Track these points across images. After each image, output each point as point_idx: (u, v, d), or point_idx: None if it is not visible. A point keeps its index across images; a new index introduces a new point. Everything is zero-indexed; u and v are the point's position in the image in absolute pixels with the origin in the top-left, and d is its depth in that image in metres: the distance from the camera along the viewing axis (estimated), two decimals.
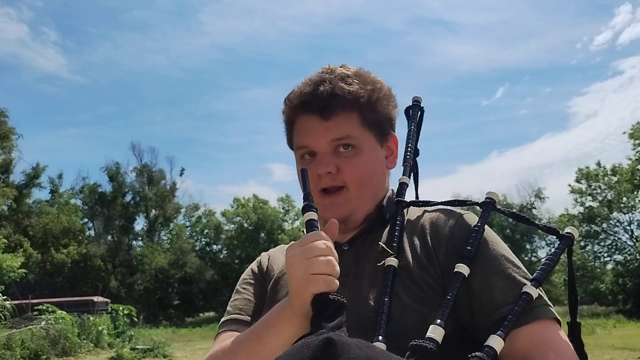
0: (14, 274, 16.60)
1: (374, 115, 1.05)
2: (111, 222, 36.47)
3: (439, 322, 0.85)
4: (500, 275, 0.93)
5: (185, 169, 40.15)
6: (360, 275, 1.01)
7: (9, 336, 11.81)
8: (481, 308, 0.91)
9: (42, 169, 33.12)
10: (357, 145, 1.03)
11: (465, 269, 0.91)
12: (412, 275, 0.96)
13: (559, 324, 0.92)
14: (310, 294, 0.81)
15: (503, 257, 0.95)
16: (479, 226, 0.96)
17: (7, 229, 28.11)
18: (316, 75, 1.06)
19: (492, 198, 0.99)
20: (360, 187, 1.03)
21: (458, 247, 0.96)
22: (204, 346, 15.43)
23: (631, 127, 27.61)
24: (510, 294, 0.91)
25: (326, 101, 1.01)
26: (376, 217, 1.06)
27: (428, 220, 1.03)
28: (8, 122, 25.53)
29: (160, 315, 33.19)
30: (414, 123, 1.16)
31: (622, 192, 28.51)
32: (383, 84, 1.08)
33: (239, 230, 37.52)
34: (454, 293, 0.88)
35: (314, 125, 1.03)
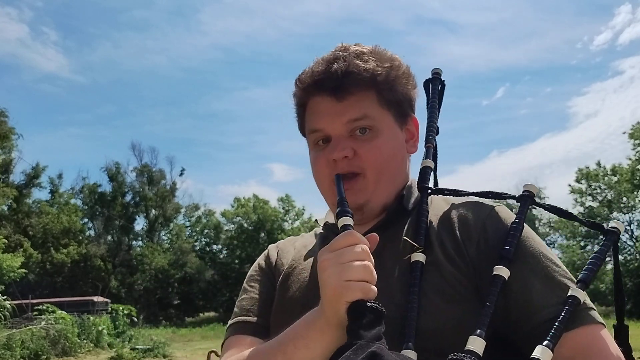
0: (14, 274, 16.59)
1: (392, 94, 0.97)
2: (111, 222, 36.47)
3: (479, 332, 0.76)
4: (538, 275, 0.85)
5: (185, 169, 40.24)
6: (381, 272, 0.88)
7: (9, 336, 11.80)
8: (519, 311, 0.83)
9: (42, 169, 33.13)
10: (375, 126, 0.95)
11: (505, 272, 0.82)
12: (441, 272, 0.87)
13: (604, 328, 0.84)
14: (345, 302, 0.74)
15: (541, 255, 0.87)
16: (517, 222, 0.87)
17: (7, 229, 28.10)
18: (329, 54, 0.98)
19: (531, 191, 0.89)
20: (379, 173, 0.95)
21: (491, 243, 0.88)
22: (204, 346, 15.42)
23: (631, 127, 27.64)
24: (550, 295, 0.83)
25: (340, 80, 0.93)
26: (396, 208, 0.98)
27: (456, 212, 0.94)
28: (8, 122, 25.53)
29: (160, 315, 33.19)
30: (435, 98, 1.05)
31: (622, 192, 28.52)
32: (401, 61, 1.00)
33: (239, 230, 37.50)
34: (494, 299, 0.79)
35: (328, 106, 0.95)
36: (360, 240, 0.78)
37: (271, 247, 1.17)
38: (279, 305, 1.02)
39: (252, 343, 0.97)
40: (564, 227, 30.87)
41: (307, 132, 1.02)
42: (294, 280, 1.03)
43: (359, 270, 0.75)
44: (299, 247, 1.12)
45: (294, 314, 0.91)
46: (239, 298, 1.10)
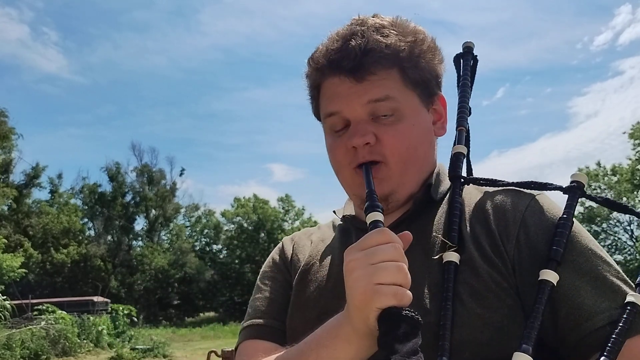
0: (14, 274, 16.59)
1: (417, 72, 0.87)
2: (111, 222, 36.46)
3: (524, 348, 0.67)
4: (588, 276, 0.75)
5: (185, 169, 40.23)
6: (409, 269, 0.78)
7: (9, 336, 11.80)
8: (566, 317, 0.74)
9: (42, 169, 33.13)
10: (399, 109, 0.85)
11: (553, 276, 0.72)
12: (477, 272, 0.77)
13: None
14: (376, 308, 0.66)
15: (590, 252, 0.77)
16: (565, 218, 0.77)
17: (7, 229, 28.10)
18: (345, 29, 0.87)
19: (581, 181, 0.79)
20: (404, 162, 0.86)
21: (532, 238, 0.78)
22: (204, 346, 15.41)
23: (631, 127, 27.62)
24: (601, 299, 0.73)
25: (359, 58, 0.83)
26: (423, 198, 0.89)
27: (491, 203, 0.84)
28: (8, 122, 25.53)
29: (160, 315, 33.18)
30: (467, 75, 0.95)
31: (622, 192, 28.50)
32: (426, 34, 0.90)
33: (239, 230, 37.49)
34: (541, 309, 0.70)
35: (346, 88, 0.85)
36: (394, 239, 0.70)
37: (286, 239, 1.09)
38: (295, 306, 0.94)
39: (267, 349, 0.90)
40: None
41: (322, 117, 0.92)
42: (311, 279, 0.94)
43: (392, 272, 0.67)
44: (316, 241, 1.02)
45: (311, 316, 0.85)
46: (252, 297, 1.01)
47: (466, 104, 0.94)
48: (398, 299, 0.66)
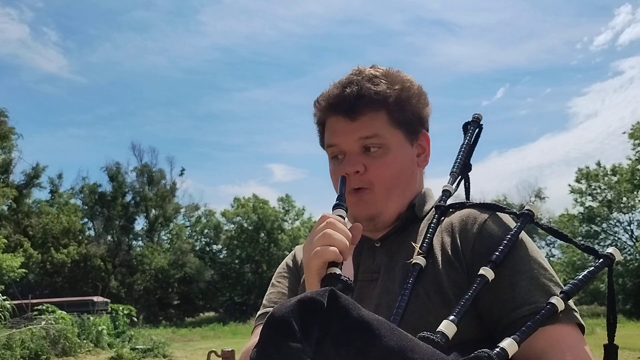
0: (14, 274, 16.61)
1: (402, 114, 1.05)
2: (111, 222, 36.47)
3: (452, 318, 0.82)
4: (524, 275, 0.90)
5: (185, 169, 40.21)
6: (392, 273, 1.00)
7: (9, 336, 11.81)
8: (500, 306, 0.89)
9: (42, 169, 33.15)
10: (385, 144, 1.04)
11: (489, 273, 0.87)
12: (438, 274, 0.94)
13: (582, 331, 0.90)
14: (316, 266, 0.84)
15: (530, 259, 0.93)
16: (512, 235, 0.92)
17: (7, 229, 28.12)
18: (345, 77, 1.08)
19: (532, 211, 0.95)
20: (388, 188, 1.04)
21: (486, 246, 0.94)
22: (204, 346, 15.42)
23: (631, 127, 27.64)
24: (532, 294, 0.88)
25: (353, 102, 1.03)
26: (409, 215, 1.06)
27: (458, 217, 1.01)
28: (8, 122, 25.56)
29: (160, 315, 33.21)
30: (468, 138, 1.13)
31: (622, 192, 28.53)
32: (413, 82, 1.09)
33: (239, 230, 37.51)
34: (473, 294, 0.85)
35: (342, 125, 1.05)
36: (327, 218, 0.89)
37: (298, 247, 1.25)
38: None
39: None
40: (563, 228, 30.82)
41: (325, 147, 1.12)
42: None
43: (317, 240, 0.85)
44: None
45: None
46: (267, 292, 1.19)
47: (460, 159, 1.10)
48: (321, 255, 0.83)
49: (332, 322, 0.64)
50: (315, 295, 0.66)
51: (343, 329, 0.64)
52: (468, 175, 1.12)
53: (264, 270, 36.58)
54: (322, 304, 0.64)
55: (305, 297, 0.65)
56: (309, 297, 0.65)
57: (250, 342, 1.06)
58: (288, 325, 0.63)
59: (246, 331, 22.76)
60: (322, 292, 0.67)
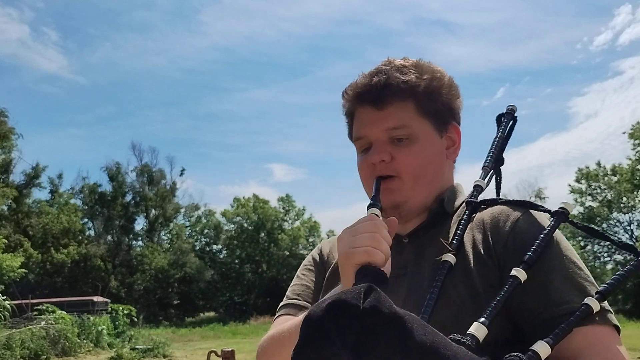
0: (14, 274, 16.61)
1: (431, 104, 1.04)
2: (111, 222, 36.47)
3: (483, 321, 0.79)
4: (558, 274, 0.88)
5: (185, 169, 40.20)
6: (420, 270, 0.98)
7: (9, 336, 11.81)
8: (533, 306, 0.87)
9: (42, 169, 33.15)
10: (413, 134, 1.02)
11: (522, 274, 0.84)
12: (469, 272, 0.92)
13: (618, 332, 0.87)
14: (352, 264, 0.83)
15: (565, 257, 0.90)
16: (546, 234, 0.90)
17: (7, 229, 28.12)
18: (374, 68, 1.07)
19: (566, 209, 0.92)
20: (415, 177, 1.02)
21: (519, 244, 0.91)
22: (204, 346, 15.42)
23: (631, 127, 27.64)
24: (567, 293, 0.86)
25: (380, 91, 1.02)
26: (438, 210, 1.04)
27: (489, 214, 0.98)
28: (8, 122, 25.55)
29: (160, 315, 33.19)
30: (502, 131, 1.10)
31: (622, 192, 28.53)
32: (444, 73, 1.07)
33: (239, 230, 37.50)
34: (505, 295, 0.82)
35: (369, 115, 1.04)
36: (375, 219, 0.89)
37: (325, 241, 1.24)
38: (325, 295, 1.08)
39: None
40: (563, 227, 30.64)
41: (354, 140, 1.10)
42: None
43: (365, 238, 0.84)
44: None
45: None
46: (291, 284, 1.19)
47: (493, 152, 1.08)
48: (369, 255, 0.83)
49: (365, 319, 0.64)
50: (349, 297, 0.65)
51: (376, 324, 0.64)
52: (500, 169, 1.09)
53: (264, 270, 36.59)
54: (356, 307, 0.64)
55: (339, 300, 0.65)
56: (342, 299, 0.65)
57: (270, 332, 1.05)
58: (324, 328, 0.64)
59: (246, 331, 22.76)
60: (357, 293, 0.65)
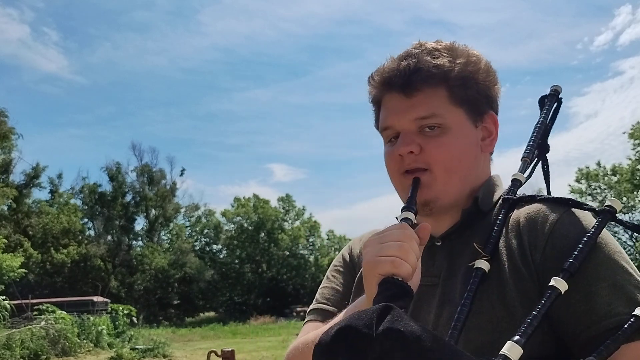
0: (14, 274, 16.59)
1: (465, 91, 0.94)
2: (111, 222, 36.45)
3: (517, 339, 0.71)
4: (604, 282, 0.78)
5: (185, 169, 40.21)
6: (453, 276, 0.90)
7: (9, 336, 11.81)
8: (577, 320, 0.78)
9: (42, 169, 33.16)
10: (444, 124, 0.93)
11: (562, 284, 0.76)
12: (504, 283, 0.84)
13: None
14: (377, 274, 0.77)
15: (612, 262, 0.80)
16: (589, 236, 0.80)
17: (7, 229, 28.11)
18: (404, 51, 0.98)
19: (614, 207, 0.82)
20: (447, 170, 0.93)
21: (559, 249, 0.82)
22: (204, 346, 15.41)
23: (631, 127, 27.59)
24: (615, 304, 0.76)
25: (409, 76, 0.93)
26: (472, 210, 0.95)
27: (526, 213, 0.89)
28: (8, 122, 25.54)
29: (160, 315, 33.18)
30: (546, 114, 1.00)
31: (622, 192, 28.49)
32: (480, 57, 0.98)
33: (239, 230, 37.49)
34: (542, 310, 0.74)
35: (397, 103, 0.95)
36: (406, 228, 0.82)
37: (355, 239, 1.17)
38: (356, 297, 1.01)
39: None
40: None
41: (380, 129, 1.01)
42: None
43: (392, 247, 0.78)
44: None
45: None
46: (321, 285, 1.13)
47: (536, 139, 0.98)
48: (395, 266, 0.76)
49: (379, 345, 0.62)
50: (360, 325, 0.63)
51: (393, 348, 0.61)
52: (546, 157, 0.99)
53: (264, 270, 36.57)
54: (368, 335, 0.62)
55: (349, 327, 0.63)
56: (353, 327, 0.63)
57: (296, 342, 1.02)
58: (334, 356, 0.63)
59: (246, 331, 22.75)
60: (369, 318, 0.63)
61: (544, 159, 0.99)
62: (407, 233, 0.81)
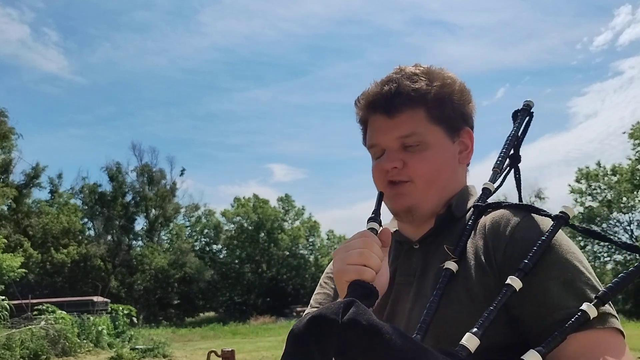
0: (14, 274, 16.60)
1: (442, 110, 1.05)
2: (111, 222, 36.46)
3: (475, 331, 0.79)
4: (557, 279, 0.86)
5: (185, 169, 40.21)
6: (426, 276, 1.00)
7: (9, 336, 11.81)
8: (531, 313, 0.86)
9: (42, 169, 33.17)
10: (424, 141, 1.04)
11: (517, 283, 0.83)
12: (469, 279, 0.93)
13: (622, 336, 0.84)
14: (345, 281, 0.88)
15: (565, 262, 0.88)
16: (543, 239, 0.88)
17: (7, 229, 28.12)
18: (386, 76, 1.09)
19: (567, 212, 0.90)
20: (427, 182, 1.04)
21: (518, 250, 0.90)
22: (204, 346, 15.42)
23: (631, 127, 27.63)
24: (565, 299, 0.84)
25: (390, 99, 1.04)
26: (445, 216, 1.05)
27: (491, 218, 0.98)
28: (8, 122, 25.54)
29: (160, 315, 33.20)
30: (517, 127, 1.09)
31: (622, 192, 28.51)
32: (455, 79, 1.09)
33: (239, 230, 37.50)
34: (498, 305, 0.82)
35: (381, 123, 1.06)
36: (366, 235, 0.93)
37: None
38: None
39: None
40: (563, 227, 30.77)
41: (367, 147, 1.13)
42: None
43: (354, 255, 0.90)
44: None
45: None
46: (315, 292, 1.21)
47: (507, 151, 1.08)
48: (359, 273, 0.88)
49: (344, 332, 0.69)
50: (328, 312, 0.70)
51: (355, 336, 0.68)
52: (518, 167, 1.08)
53: (263, 270, 36.58)
54: (334, 321, 0.69)
55: (319, 315, 0.70)
56: (322, 314, 0.70)
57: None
58: (305, 341, 0.70)
59: (246, 331, 22.76)
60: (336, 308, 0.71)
61: (517, 168, 1.08)
62: (368, 240, 0.92)
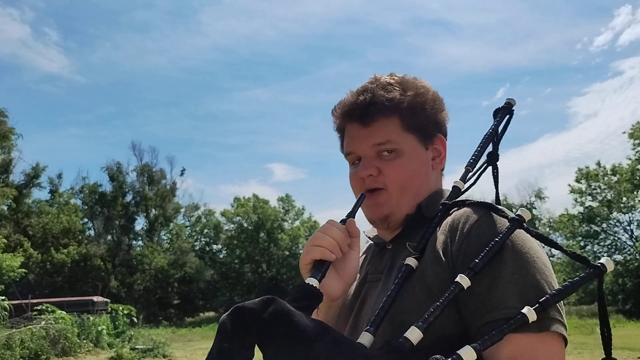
0: (14, 274, 16.61)
1: (415, 119, 1.09)
2: (111, 222, 36.46)
3: (419, 325, 0.81)
4: (504, 279, 0.88)
5: (185, 169, 40.19)
6: (392, 273, 1.05)
7: (9, 336, 11.82)
8: (474, 309, 0.89)
9: (42, 169, 33.15)
10: (398, 148, 1.08)
11: (465, 281, 0.85)
12: (425, 271, 0.96)
13: (564, 342, 0.87)
14: (304, 262, 0.99)
15: (515, 263, 0.89)
16: (496, 241, 0.89)
17: (7, 229, 28.12)
18: (361, 86, 1.13)
19: (522, 216, 0.92)
20: (401, 189, 1.08)
21: (473, 247, 0.92)
22: (204, 346, 15.43)
23: (631, 127, 27.63)
24: (507, 299, 0.86)
25: (365, 109, 1.07)
26: (415, 216, 1.08)
27: (454, 215, 1.01)
28: (8, 122, 25.54)
29: (160, 315, 33.20)
30: (496, 125, 1.11)
31: (622, 192, 28.50)
32: (428, 88, 1.12)
33: (239, 230, 37.49)
34: (444, 302, 0.84)
35: (357, 132, 1.10)
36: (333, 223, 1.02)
37: None
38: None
39: None
40: (563, 227, 30.82)
41: (344, 154, 1.17)
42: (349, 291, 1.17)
43: (318, 237, 0.99)
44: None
45: (341, 318, 1.11)
46: None
47: (482, 150, 1.10)
48: (321, 254, 0.97)
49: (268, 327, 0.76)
50: (248, 304, 0.77)
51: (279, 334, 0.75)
52: (497, 165, 1.10)
53: (263, 270, 36.58)
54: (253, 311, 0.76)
55: (239, 306, 0.78)
56: (241, 305, 0.78)
57: None
58: (224, 329, 0.76)
59: None
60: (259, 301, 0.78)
61: (495, 166, 1.10)
62: (325, 225, 1.02)
